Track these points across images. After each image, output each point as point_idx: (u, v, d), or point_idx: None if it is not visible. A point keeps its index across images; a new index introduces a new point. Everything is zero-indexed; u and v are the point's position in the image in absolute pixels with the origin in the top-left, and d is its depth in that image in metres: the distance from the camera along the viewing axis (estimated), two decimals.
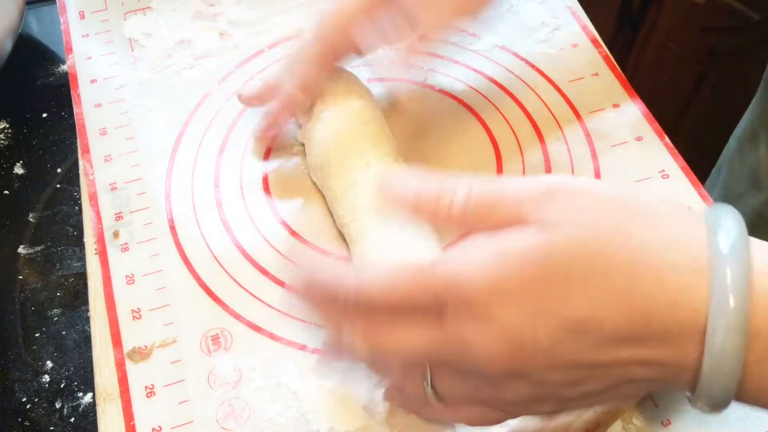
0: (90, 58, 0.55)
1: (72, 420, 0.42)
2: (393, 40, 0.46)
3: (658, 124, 0.51)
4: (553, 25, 0.57)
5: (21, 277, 0.48)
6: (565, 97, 0.53)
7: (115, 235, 0.46)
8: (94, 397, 0.41)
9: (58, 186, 0.52)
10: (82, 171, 0.49)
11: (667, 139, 0.50)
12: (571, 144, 0.50)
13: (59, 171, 0.53)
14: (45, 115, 0.56)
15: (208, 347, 0.42)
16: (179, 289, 0.44)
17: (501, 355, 0.29)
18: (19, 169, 0.53)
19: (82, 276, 0.46)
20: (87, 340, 0.44)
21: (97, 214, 0.47)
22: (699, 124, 1.07)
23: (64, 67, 0.58)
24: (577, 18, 0.57)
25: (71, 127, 0.52)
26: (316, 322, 0.34)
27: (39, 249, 0.49)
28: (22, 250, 0.49)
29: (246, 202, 0.47)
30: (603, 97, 0.53)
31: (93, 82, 0.54)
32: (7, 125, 0.55)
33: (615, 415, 0.37)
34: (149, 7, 0.58)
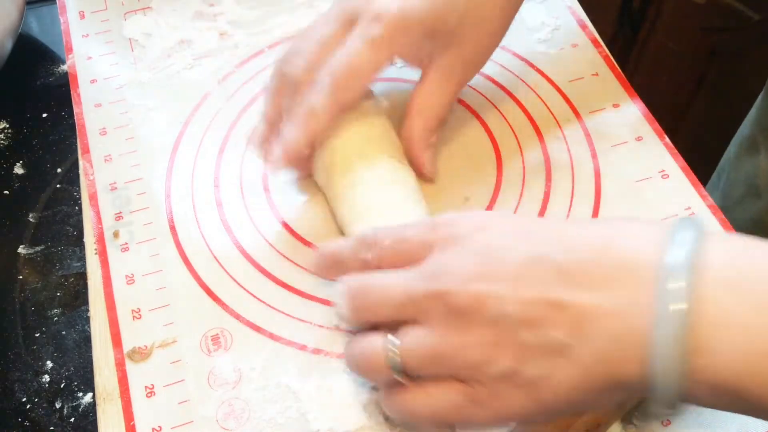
0: (90, 58, 0.55)
1: (72, 420, 0.42)
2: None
3: (658, 124, 0.51)
4: (553, 25, 0.57)
5: (21, 277, 0.48)
6: (565, 97, 0.53)
7: (115, 235, 0.46)
8: (94, 397, 0.41)
9: (58, 186, 0.52)
10: (82, 171, 0.49)
11: (667, 139, 0.50)
12: (571, 144, 0.50)
13: (59, 171, 0.53)
14: (45, 115, 0.56)
15: (208, 347, 0.42)
16: (179, 289, 0.44)
17: (472, 267, 0.33)
18: (19, 169, 0.53)
19: (82, 276, 0.46)
20: (87, 340, 0.44)
21: (97, 214, 0.47)
22: (699, 124, 1.07)
23: (64, 67, 0.58)
24: (577, 18, 0.57)
25: (71, 127, 0.52)
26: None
27: (39, 249, 0.49)
28: (22, 250, 0.49)
29: (246, 202, 0.47)
30: (603, 97, 0.53)
31: (93, 82, 0.54)
32: (7, 125, 0.55)
33: (615, 415, 0.37)
34: (149, 7, 0.58)
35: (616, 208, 0.47)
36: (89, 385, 0.42)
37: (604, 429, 0.37)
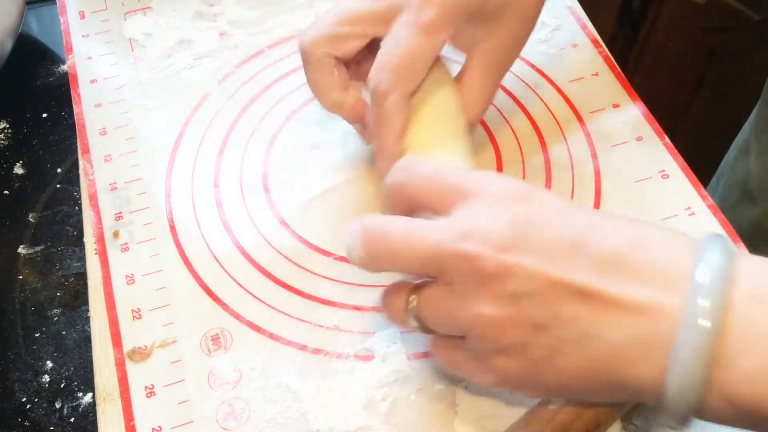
0: (90, 58, 0.55)
1: (72, 420, 0.42)
2: None
3: (658, 124, 0.51)
4: (553, 25, 0.57)
5: (21, 277, 0.48)
6: (565, 97, 0.53)
7: (115, 235, 0.46)
8: (94, 397, 0.41)
9: (58, 186, 0.52)
10: (82, 171, 0.49)
11: (667, 139, 0.50)
12: (571, 144, 0.50)
13: (59, 171, 0.53)
14: (45, 115, 0.56)
15: (208, 347, 0.42)
16: (179, 289, 0.44)
17: (507, 233, 0.31)
18: (19, 169, 0.53)
19: (82, 276, 0.46)
20: (87, 340, 0.44)
21: (97, 214, 0.47)
22: (699, 124, 1.07)
23: (64, 67, 0.58)
24: (577, 18, 0.57)
25: (71, 127, 0.52)
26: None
27: (39, 249, 0.49)
28: (22, 250, 0.49)
29: (246, 202, 0.48)
30: (603, 97, 0.53)
31: (93, 82, 0.54)
32: (7, 125, 0.55)
33: (615, 414, 0.37)
34: (149, 7, 0.58)
35: (616, 208, 0.47)
36: (89, 385, 0.42)
37: (604, 429, 0.37)
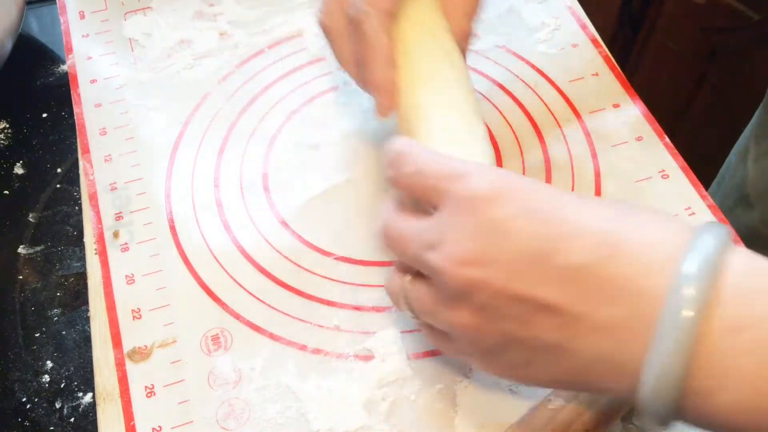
0: (90, 58, 0.55)
1: (72, 420, 0.42)
2: None
3: (658, 124, 0.51)
4: (553, 25, 0.57)
5: (21, 277, 0.48)
6: (565, 97, 0.53)
7: (115, 235, 0.46)
8: (94, 397, 0.41)
9: (58, 186, 0.52)
10: (82, 171, 0.49)
11: (667, 139, 0.50)
12: (571, 144, 0.50)
13: (59, 171, 0.53)
14: (45, 115, 0.56)
15: (208, 347, 0.42)
16: (179, 289, 0.44)
17: (470, 246, 0.31)
18: (19, 169, 0.53)
19: (82, 276, 0.46)
20: (87, 340, 0.44)
21: (97, 214, 0.47)
22: (699, 124, 1.07)
23: (64, 67, 0.58)
24: (577, 18, 0.57)
25: (71, 127, 0.52)
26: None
27: (39, 249, 0.49)
28: (22, 250, 0.49)
29: (246, 202, 0.48)
30: (603, 97, 0.53)
31: (93, 82, 0.54)
32: (7, 125, 0.55)
33: (614, 415, 0.37)
34: (149, 7, 0.58)
35: None
36: (89, 385, 0.42)
37: (604, 429, 0.37)
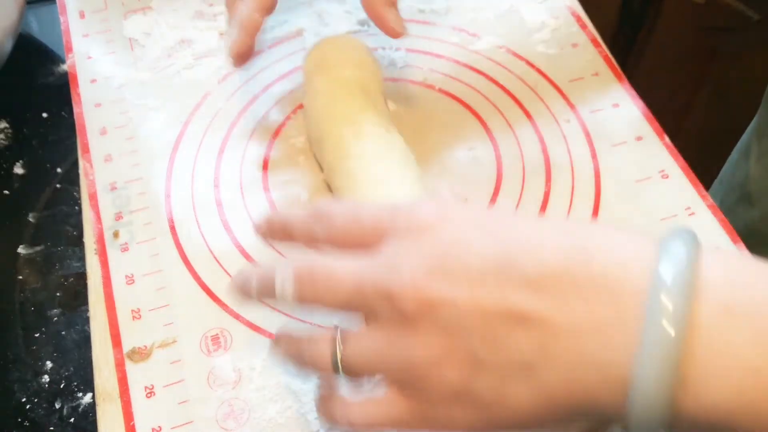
0: (90, 58, 0.55)
1: (72, 420, 0.42)
2: None
3: (658, 124, 0.51)
4: (553, 25, 0.57)
5: (21, 277, 0.48)
6: (565, 97, 0.53)
7: (115, 235, 0.46)
8: (93, 397, 0.41)
9: (58, 186, 0.52)
10: (82, 171, 0.49)
11: (667, 139, 0.50)
12: (571, 144, 0.50)
13: (59, 171, 0.53)
14: (45, 115, 0.56)
15: (207, 347, 0.42)
16: (179, 289, 0.44)
17: (426, 266, 0.29)
18: (19, 169, 0.53)
19: (82, 276, 0.46)
20: (87, 340, 0.44)
21: (97, 214, 0.47)
22: (699, 124, 1.07)
23: (64, 66, 0.58)
24: (577, 18, 0.57)
25: (71, 127, 0.52)
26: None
27: (39, 249, 0.49)
28: (22, 250, 0.49)
29: (246, 202, 0.47)
30: (603, 97, 0.53)
31: (93, 81, 0.54)
32: (7, 125, 0.55)
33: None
34: (149, 7, 0.58)
35: (616, 208, 0.47)
36: (89, 385, 0.42)
37: (605, 429, 0.37)
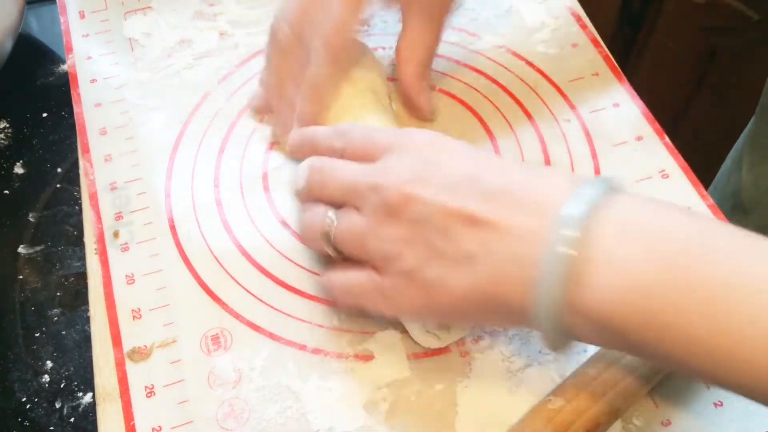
0: (90, 58, 0.55)
1: (72, 420, 0.42)
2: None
3: (658, 124, 0.51)
4: (553, 25, 0.57)
5: (21, 277, 0.48)
6: (565, 97, 0.53)
7: (115, 235, 0.46)
8: (94, 397, 0.41)
9: (58, 186, 0.52)
10: (82, 171, 0.49)
11: (667, 139, 0.50)
12: (571, 144, 0.50)
13: (59, 171, 0.53)
14: (45, 115, 0.56)
15: (207, 347, 0.42)
16: (179, 289, 0.44)
17: (412, 171, 0.36)
18: (19, 169, 0.53)
19: (82, 276, 0.46)
20: (87, 340, 0.44)
21: (97, 214, 0.47)
22: (699, 124, 1.07)
23: (64, 66, 0.58)
24: (577, 18, 0.57)
25: (71, 127, 0.52)
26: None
27: (39, 249, 0.49)
28: (22, 250, 0.49)
29: (246, 202, 0.48)
30: (603, 97, 0.53)
31: (93, 81, 0.54)
32: (7, 125, 0.55)
33: (615, 414, 0.37)
34: (149, 7, 0.58)
35: None
36: (89, 385, 0.42)
37: (604, 429, 0.37)
